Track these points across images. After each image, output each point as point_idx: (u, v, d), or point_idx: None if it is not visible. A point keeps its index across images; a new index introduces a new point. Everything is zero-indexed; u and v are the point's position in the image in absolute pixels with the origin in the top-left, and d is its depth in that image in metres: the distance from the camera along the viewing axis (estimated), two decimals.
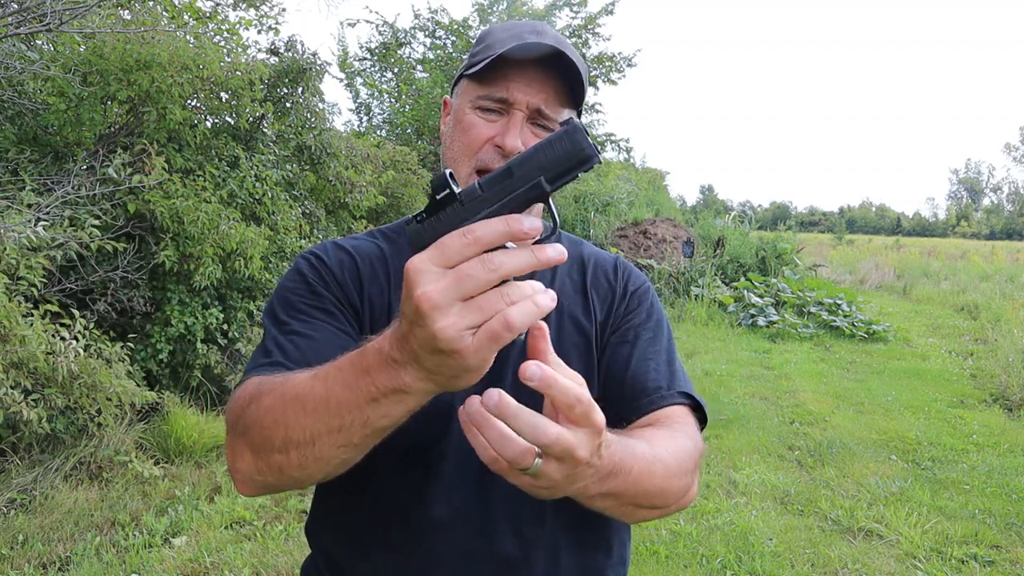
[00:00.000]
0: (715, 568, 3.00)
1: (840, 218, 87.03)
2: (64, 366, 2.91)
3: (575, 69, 0.87)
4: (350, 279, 0.91)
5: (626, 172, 17.57)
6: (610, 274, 1.01)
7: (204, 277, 3.91)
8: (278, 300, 0.90)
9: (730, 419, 5.11)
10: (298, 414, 0.64)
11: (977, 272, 16.25)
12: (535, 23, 0.91)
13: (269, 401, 0.68)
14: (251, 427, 0.70)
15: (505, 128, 0.87)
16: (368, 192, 5.96)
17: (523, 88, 0.86)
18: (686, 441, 0.84)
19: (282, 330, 0.85)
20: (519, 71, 0.86)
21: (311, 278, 0.89)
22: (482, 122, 0.88)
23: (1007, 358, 6.59)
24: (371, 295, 0.91)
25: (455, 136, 0.90)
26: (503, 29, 0.91)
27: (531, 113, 0.87)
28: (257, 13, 5.66)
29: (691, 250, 11.17)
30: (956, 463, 4.36)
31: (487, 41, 0.91)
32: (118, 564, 2.83)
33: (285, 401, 0.65)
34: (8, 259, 2.82)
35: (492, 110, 0.88)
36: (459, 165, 0.89)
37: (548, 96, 0.87)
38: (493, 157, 0.87)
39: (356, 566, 0.93)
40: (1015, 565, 3.09)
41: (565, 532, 0.93)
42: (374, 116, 13.99)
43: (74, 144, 3.98)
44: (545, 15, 14.57)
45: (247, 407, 0.72)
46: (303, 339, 0.83)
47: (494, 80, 0.87)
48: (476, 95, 0.89)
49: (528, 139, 0.87)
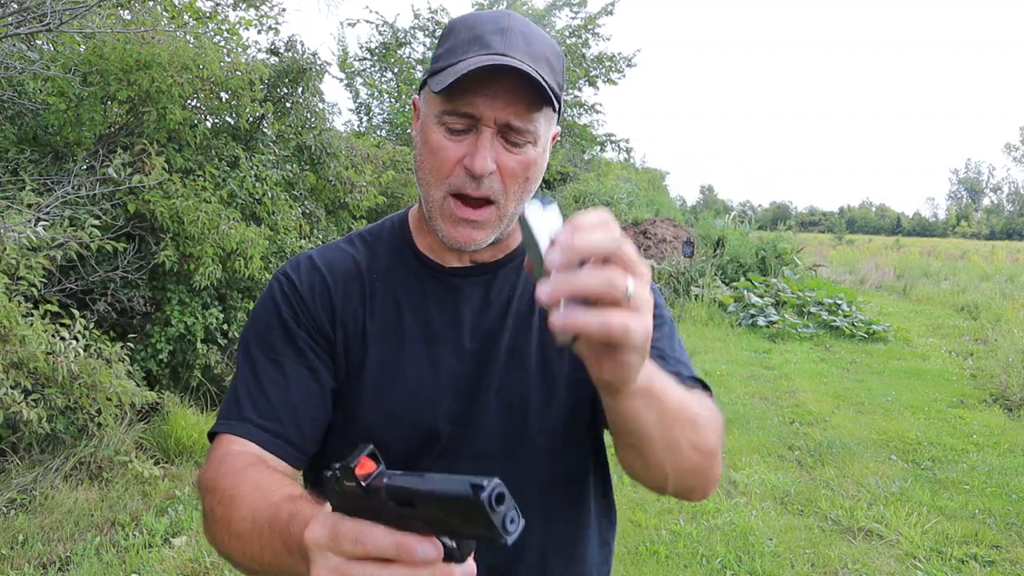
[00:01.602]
0: (715, 568, 3.00)
1: (840, 218, 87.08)
2: (64, 366, 2.91)
3: (544, 73, 0.81)
4: (321, 307, 0.90)
5: (626, 172, 17.57)
6: None
7: (204, 277, 3.91)
8: (253, 333, 0.90)
9: (730, 419, 5.11)
10: (242, 547, 0.69)
11: (977, 272, 16.24)
12: (499, 16, 0.84)
13: (221, 512, 0.73)
14: (209, 520, 0.75)
15: (474, 148, 0.81)
16: (368, 192, 5.96)
17: (489, 103, 0.80)
18: (707, 401, 0.82)
19: (253, 371, 0.87)
20: (483, 84, 0.79)
21: (284, 310, 0.89)
22: (449, 144, 0.82)
23: (1007, 358, 6.59)
24: (343, 320, 0.90)
25: (424, 156, 0.86)
26: (465, 27, 0.84)
27: (500, 127, 0.81)
28: (257, 13, 5.66)
29: (691, 250, 11.17)
30: (956, 463, 4.36)
31: (448, 43, 0.84)
32: (118, 564, 2.83)
33: (231, 532, 0.71)
34: (8, 259, 2.82)
35: (459, 129, 0.82)
36: (431, 191, 0.85)
37: (518, 108, 0.81)
38: (465, 181, 0.82)
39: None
40: (1015, 565, 3.09)
41: (548, 524, 0.92)
42: (374, 116, 14.01)
43: (74, 144, 3.98)
44: (545, 15, 14.58)
45: (209, 492, 0.76)
46: (274, 386, 0.85)
47: (458, 95, 0.80)
48: (440, 110, 0.82)
49: (500, 154, 0.82)
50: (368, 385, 0.89)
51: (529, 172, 0.85)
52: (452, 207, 0.84)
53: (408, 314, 0.91)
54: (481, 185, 0.82)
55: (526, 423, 0.89)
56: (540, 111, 0.83)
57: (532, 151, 0.84)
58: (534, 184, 0.87)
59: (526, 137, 0.83)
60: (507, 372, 0.89)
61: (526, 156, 0.84)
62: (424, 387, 0.89)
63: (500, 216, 0.85)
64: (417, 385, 0.88)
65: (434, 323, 0.90)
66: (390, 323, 0.90)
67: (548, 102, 0.82)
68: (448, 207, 0.85)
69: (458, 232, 0.85)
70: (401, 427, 0.88)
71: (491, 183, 0.83)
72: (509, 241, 0.95)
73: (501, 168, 0.83)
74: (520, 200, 0.86)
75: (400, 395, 0.89)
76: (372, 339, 0.89)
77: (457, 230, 0.85)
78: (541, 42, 0.84)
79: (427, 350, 0.89)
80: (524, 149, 0.83)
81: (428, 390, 0.88)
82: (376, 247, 0.96)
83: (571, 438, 0.93)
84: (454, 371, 0.89)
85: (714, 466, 0.80)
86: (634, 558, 3.07)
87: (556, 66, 0.86)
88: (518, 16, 0.86)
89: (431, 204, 0.86)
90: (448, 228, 0.85)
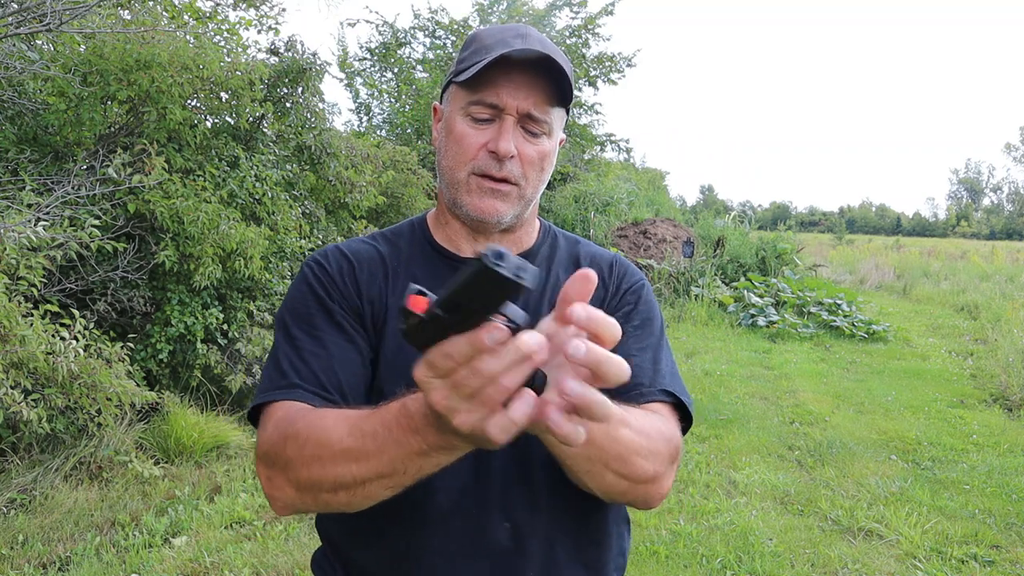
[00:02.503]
0: (715, 568, 3.00)
1: (840, 218, 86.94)
2: (64, 366, 2.91)
3: (562, 71, 0.89)
4: (350, 284, 0.96)
5: (626, 172, 17.57)
6: (604, 272, 1.03)
7: (204, 277, 3.91)
8: (289, 312, 0.95)
9: (730, 419, 5.11)
10: (348, 464, 0.71)
11: (977, 272, 16.23)
12: (518, 27, 0.93)
13: (312, 449, 0.74)
14: (293, 466, 0.76)
15: (497, 134, 0.90)
16: (368, 192, 5.96)
17: (512, 93, 0.89)
18: (661, 426, 0.84)
19: (294, 346, 0.90)
20: (507, 77, 0.88)
21: (319, 290, 0.95)
22: (473, 131, 0.91)
23: (1007, 358, 6.59)
24: (370, 296, 0.96)
25: (449, 145, 0.93)
26: (489, 34, 0.93)
27: (521, 117, 0.90)
28: (257, 13, 5.65)
29: (691, 250, 11.17)
30: (956, 463, 4.36)
31: (474, 47, 0.93)
32: (118, 564, 2.83)
33: (334, 453, 0.72)
34: (8, 259, 2.82)
35: (483, 119, 0.90)
36: (456, 172, 0.93)
37: (537, 99, 0.90)
38: (489, 163, 0.90)
39: (360, 555, 0.96)
40: (1015, 565, 3.09)
41: (560, 521, 0.94)
42: (374, 116, 14.01)
43: (74, 144, 3.97)
44: (545, 15, 14.58)
45: (283, 445, 0.77)
46: (316, 358, 0.89)
47: (483, 86, 0.89)
48: (467, 101, 0.91)
49: (520, 143, 0.90)
50: (387, 355, 0.94)
51: (544, 162, 0.94)
52: (477, 182, 0.92)
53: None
54: (503, 167, 0.91)
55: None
56: (555, 108, 0.92)
57: (547, 143, 0.93)
58: (547, 176, 0.96)
59: (543, 128, 0.91)
60: None
61: (543, 146, 0.93)
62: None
63: (520, 196, 0.94)
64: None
65: None
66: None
67: (563, 100, 0.91)
68: (473, 182, 0.92)
69: (484, 203, 0.92)
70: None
71: (512, 167, 0.91)
72: (522, 237, 1.02)
73: (521, 155, 0.91)
74: (536, 188, 0.95)
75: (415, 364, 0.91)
76: (392, 313, 0.95)
77: (483, 200, 0.92)
78: (557, 52, 0.92)
79: None
80: (541, 140, 0.92)
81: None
82: (397, 242, 1.03)
83: None
84: None
85: (651, 489, 0.82)
86: (634, 558, 3.07)
87: (569, 73, 0.92)
88: (535, 29, 0.95)
89: (456, 184, 0.93)
90: (474, 200, 0.92)
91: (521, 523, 0.91)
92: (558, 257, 1.04)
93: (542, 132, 0.92)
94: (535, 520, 0.92)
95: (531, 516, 0.92)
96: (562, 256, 1.05)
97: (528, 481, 0.92)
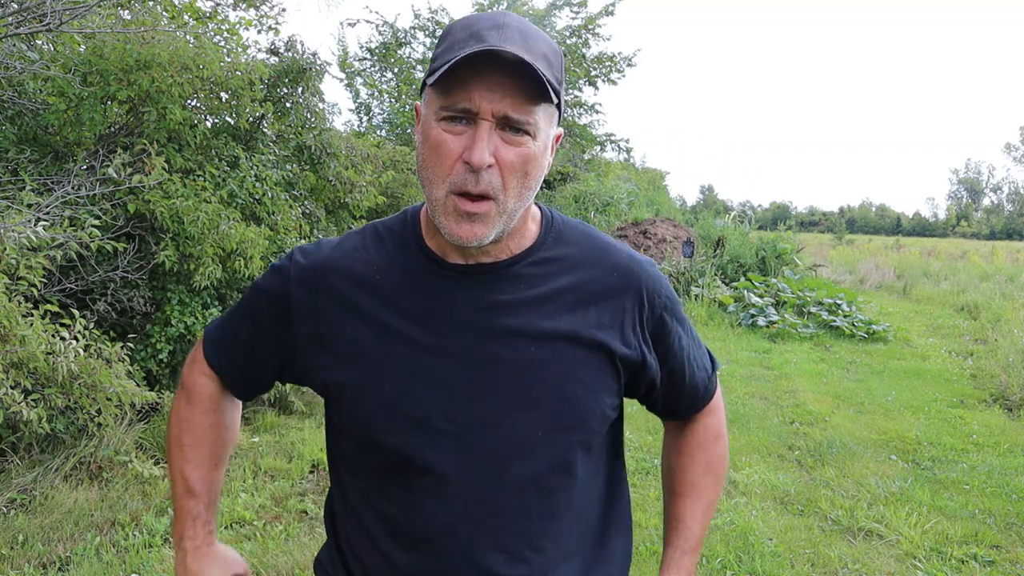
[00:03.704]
0: (715, 568, 3.00)
1: (840, 218, 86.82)
2: (64, 366, 2.91)
3: (546, 63, 0.82)
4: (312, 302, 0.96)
5: (626, 172, 17.57)
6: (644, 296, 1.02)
7: (204, 277, 3.91)
8: (252, 291, 1.03)
9: (730, 419, 5.09)
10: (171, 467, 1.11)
11: (977, 272, 16.23)
12: (495, 15, 0.85)
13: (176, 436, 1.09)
14: (170, 424, 1.11)
15: (472, 141, 0.81)
16: (368, 192, 5.96)
17: (486, 95, 0.80)
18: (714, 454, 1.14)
19: (235, 321, 1.06)
20: (479, 76, 0.79)
21: (265, 308, 1.00)
22: (449, 137, 0.82)
23: (1007, 358, 6.59)
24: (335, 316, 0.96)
25: (426, 154, 0.85)
26: (463, 27, 0.85)
27: (498, 120, 0.81)
28: (257, 13, 5.64)
29: (691, 250, 11.17)
30: (956, 463, 4.36)
31: (446, 42, 0.84)
32: (118, 564, 2.83)
33: (176, 457, 1.10)
34: (8, 259, 2.82)
35: (457, 122, 0.82)
36: (434, 190, 0.85)
37: (515, 100, 0.80)
38: (465, 177, 0.82)
39: (364, 559, 0.97)
40: (1015, 565, 3.09)
41: (567, 553, 0.95)
42: (374, 116, 14.00)
43: (74, 144, 3.97)
44: (545, 15, 14.58)
45: (176, 412, 1.10)
46: (239, 346, 1.05)
47: (454, 88, 0.80)
48: (439, 106, 0.83)
49: (498, 148, 0.82)
50: (363, 380, 0.90)
51: (528, 167, 0.84)
52: (454, 204, 0.84)
53: (406, 309, 0.91)
54: (480, 180, 0.82)
55: (525, 418, 0.90)
56: (538, 105, 0.83)
57: (532, 145, 0.84)
58: (534, 181, 0.86)
59: (525, 129, 0.82)
60: (503, 370, 0.89)
61: (525, 150, 0.83)
62: (418, 382, 0.89)
63: (500, 212, 0.85)
64: (411, 380, 0.89)
65: (430, 318, 0.91)
66: (387, 319, 0.91)
67: (545, 96, 0.81)
68: (451, 204, 0.84)
69: (461, 228, 0.84)
70: (399, 420, 0.89)
71: (490, 178, 0.82)
72: (511, 244, 0.94)
73: (500, 162, 0.82)
74: (520, 197, 0.86)
75: (394, 390, 0.89)
76: (369, 334, 0.91)
77: (460, 226, 0.84)
78: (539, 39, 0.84)
79: (423, 345, 0.90)
80: (524, 142, 0.83)
81: (421, 385, 0.89)
82: (387, 242, 0.97)
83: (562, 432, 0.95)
84: (450, 367, 0.89)
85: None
86: (634, 558, 3.05)
87: (554, 63, 0.85)
88: (516, 16, 0.86)
89: (435, 203, 0.86)
90: (452, 225, 0.85)
91: (519, 555, 0.92)
92: (569, 259, 0.96)
93: (524, 134, 0.83)
94: (539, 557, 0.92)
95: (535, 554, 0.92)
96: (575, 258, 0.96)
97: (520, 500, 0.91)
